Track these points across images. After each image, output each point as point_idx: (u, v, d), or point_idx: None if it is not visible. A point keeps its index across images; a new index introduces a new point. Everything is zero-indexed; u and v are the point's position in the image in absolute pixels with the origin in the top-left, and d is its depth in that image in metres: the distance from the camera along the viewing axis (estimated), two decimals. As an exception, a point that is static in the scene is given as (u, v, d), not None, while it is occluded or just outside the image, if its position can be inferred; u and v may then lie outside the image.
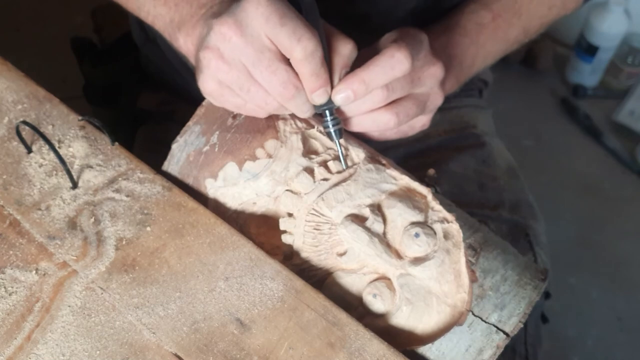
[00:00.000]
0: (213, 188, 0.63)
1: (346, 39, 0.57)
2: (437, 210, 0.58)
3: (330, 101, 0.58)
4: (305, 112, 0.58)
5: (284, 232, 0.60)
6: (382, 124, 0.60)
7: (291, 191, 0.60)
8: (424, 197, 0.59)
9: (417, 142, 0.87)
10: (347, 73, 0.57)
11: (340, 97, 0.57)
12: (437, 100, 0.63)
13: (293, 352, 0.54)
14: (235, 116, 0.63)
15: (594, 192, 1.72)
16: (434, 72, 0.61)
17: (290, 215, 0.60)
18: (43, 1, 1.77)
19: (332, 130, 0.59)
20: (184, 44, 0.61)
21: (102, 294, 0.57)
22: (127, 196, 0.62)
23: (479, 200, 0.85)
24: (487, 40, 0.75)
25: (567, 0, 0.80)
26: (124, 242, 0.60)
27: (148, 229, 0.60)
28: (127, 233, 0.60)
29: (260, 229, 0.62)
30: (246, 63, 0.54)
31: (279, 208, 0.61)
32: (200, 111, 0.64)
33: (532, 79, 1.92)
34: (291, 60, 0.54)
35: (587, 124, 1.82)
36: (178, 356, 0.54)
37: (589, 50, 1.80)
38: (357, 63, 0.58)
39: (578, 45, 1.83)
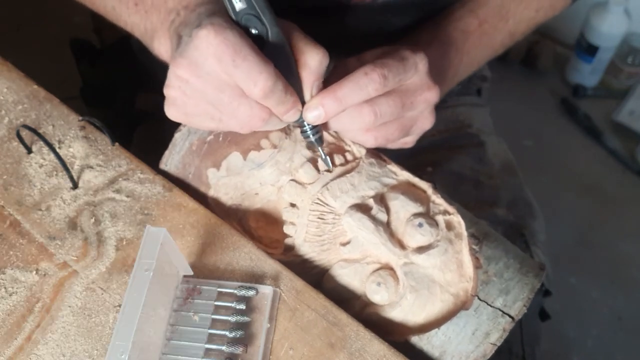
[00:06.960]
0: (215, 178, 0.63)
1: (314, 50, 0.54)
2: (438, 203, 0.60)
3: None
4: (284, 125, 0.57)
5: (286, 222, 0.61)
6: (359, 140, 0.59)
7: (295, 181, 0.61)
8: (424, 191, 0.60)
9: None
10: (323, 84, 0.56)
11: (311, 115, 0.55)
12: (424, 124, 0.61)
13: (293, 353, 0.54)
14: None
15: (594, 192, 1.72)
16: (428, 97, 0.59)
17: (293, 206, 0.61)
18: (43, 1, 1.77)
19: (312, 139, 0.58)
20: (159, 52, 0.60)
21: (102, 294, 0.57)
22: (128, 196, 0.62)
23: (475, 199, 0.85)
24: (472, 47, 0.73)
25: (555, 1, 0.78)
26: (124, 243, 0.60)
27: (148, 229, 0.60)
28: (128, 233, 0.60)
29: (259, 223, 0.63)
30: (210, 101, 0.53)
31: (280, 200, 0.62)
32: None
33: (532, 79, 1.92)
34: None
35: (587, 124, 1.82)
36: (178, 356, 0.54)
37: (589, 50, 1.80)
38: (340, 71, 0.57)
39: (578, 45, 1.83)
